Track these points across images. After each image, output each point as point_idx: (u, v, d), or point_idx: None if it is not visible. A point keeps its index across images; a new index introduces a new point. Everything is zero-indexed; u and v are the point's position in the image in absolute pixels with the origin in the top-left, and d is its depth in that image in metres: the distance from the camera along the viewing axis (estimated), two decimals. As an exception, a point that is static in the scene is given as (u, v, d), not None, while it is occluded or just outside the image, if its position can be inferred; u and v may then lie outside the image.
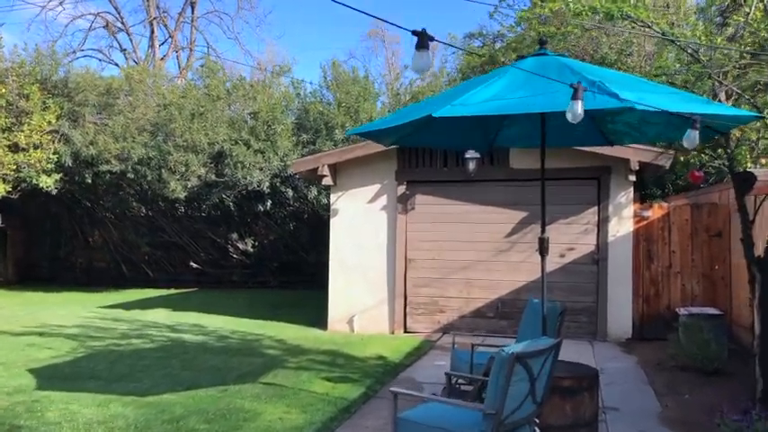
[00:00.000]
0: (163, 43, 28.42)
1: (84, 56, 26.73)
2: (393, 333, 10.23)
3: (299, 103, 15.24)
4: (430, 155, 10.29)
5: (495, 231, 10.02)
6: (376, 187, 10.49)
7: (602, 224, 9.49)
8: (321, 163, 10.27)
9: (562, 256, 9.54)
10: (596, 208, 9.54)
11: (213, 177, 13.78)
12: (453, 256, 10.19)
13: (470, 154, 9.65)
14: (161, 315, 12.04)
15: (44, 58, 14.91)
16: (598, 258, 9.46)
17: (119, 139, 14.20)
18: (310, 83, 15.29)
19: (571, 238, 9.59)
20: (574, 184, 9.49)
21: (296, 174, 10.96)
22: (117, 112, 14.84)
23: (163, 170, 13.79)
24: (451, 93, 4.75)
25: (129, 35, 27.45)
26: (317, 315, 11.00)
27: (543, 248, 5.10)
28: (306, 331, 10.34)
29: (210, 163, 14.04)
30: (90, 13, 26.87)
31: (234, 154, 13.52)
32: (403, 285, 10.32)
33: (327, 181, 10.47)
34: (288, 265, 16.71)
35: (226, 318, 11.72)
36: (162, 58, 27.00)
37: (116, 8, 27.20)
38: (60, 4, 26.69)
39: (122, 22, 27.58)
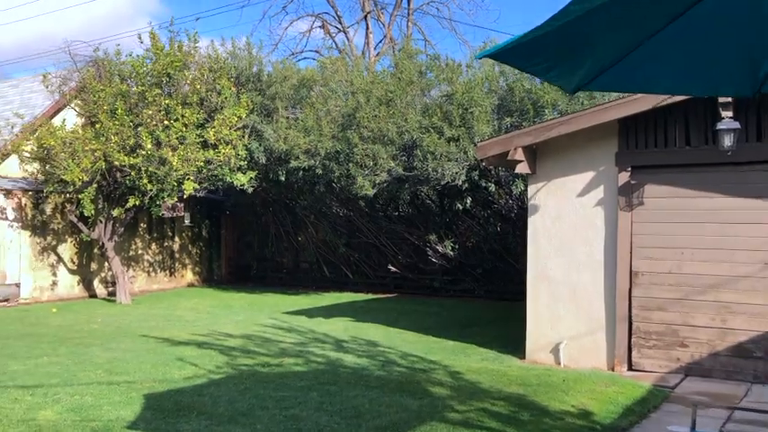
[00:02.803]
0: (380, 42, 27.89)
1: (304, 58, 27.03)
2: (613, 370, 7.61)
3: (503, 81, 13.00)
4: (664, 128, 7.50)
5: (762, 235, 6.96)
6: (588, 175, 7.95)
7: None
8: (513, 145, 7.98)
9: None
10: None
11: (401, 171, 12.10)
12: (699, 269, 7.29)
13: (726, 124, 6.72)
14: (338, 327, 10.63)
15: (240, 53, 14.47)
16: None
17: (309, 132, 13.19)
18: (516, 59, 12.74)
19: None
20: None
21: (482, 160, 8.80)
22: (309, 105, 13.88)
23: (350, 164, 12.45)
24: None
25: (345, 34, 27.25)
26: (517, 337, 8.73)
27: None
28: (495, 360, 8.13)
29: (401, 155, 12.40)
30: (308, 15, 27.09)
31: (424, 144, 11.71)
32: (626, 307, 7.65)
33: (523, 168, 8.16)
34: (493, 273, 14.53)
35: (407, 334, 9.95)
36: (377, 55, 26.36)
37: (333, 7, 27.15)
38: (283, 8, 27.23)
39: (340, 22, 27.47)
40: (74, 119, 13.98)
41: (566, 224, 8.08)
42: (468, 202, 13.75)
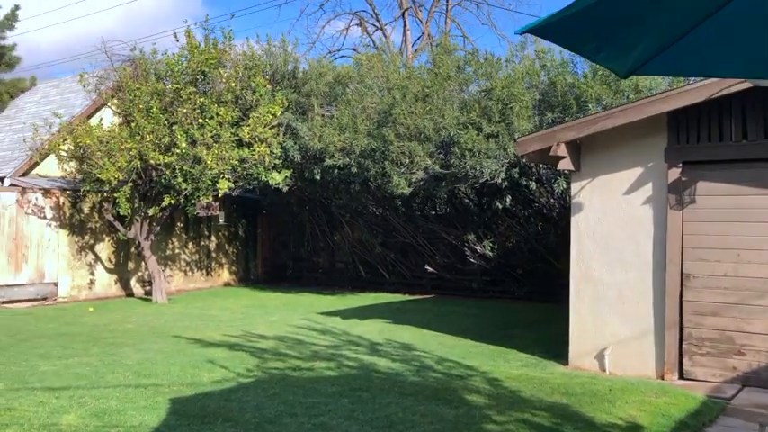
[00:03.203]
0: (418, 39, 27.55)
1: (341, 57, 26.85)
2: (662, 378, 7.16)
3: (544, 76, 12.55)
4: (719, 121, 7.02)
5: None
6: (636, 172, 7.50)
7: None
8: (556, 140, 7.58)
9: None
10: None
11: (438, 169, 11.76)
12: (758, 272, 6.80)
13: (788, 116, 6.24)
14: (373, 328, 10.35)
15: (275, 50, 14.31)
16: None
17: (344, 130, 12.95)
18: (559, 52, 12.35)
19: None
20: None
21: (523, 156, 8.39)
22: (344, 102, 13.64)
23: (386, 162, 12.16)
24: None
25: (382, 31, 27.00)
26: (558, 341, 8.33)
27: None
28: (536, 366, 7.75)
29: (438, 152, 12.06)
30: (345, 12, 26.91)
31: (462, 140, 11.35)
32: (677, 311, 7.18)
33: (566, 165, 7.75)
34: (533, 274, 14.07)
35: (444, 337, 9.61)
36: (415, 52, 26.04)
37: (371, 5, 26.93)
38: (320, 7, 27.11)
39: (377, 19, 27.25)
40: (111, 118, 14.01)
41: (611, 223, 7.65)
42: (508, 200, 13.34)
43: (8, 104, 18.83)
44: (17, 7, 19.80)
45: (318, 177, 14.04)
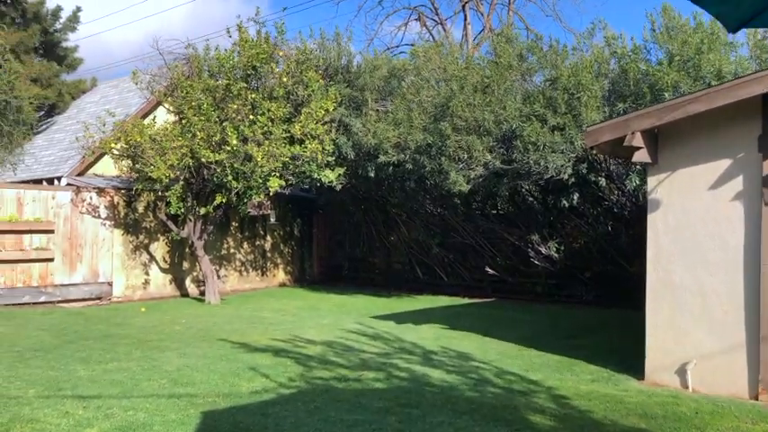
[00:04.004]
0: (479, 33, 26.73)
1: (400, 53, 26.27)
2: (757, 399, 6.26)
3: (614, 64, 11.64)
4: (826, 103, 6.08)
5: None
6: (723, 164, 6.62)
7: None
8: (630, 129, 6.76)
9: None
10: None
11: (499, 164, 11.01)
12: None
13: None
14: (428, 335, 9.71)
15: (329, 44, 13.84)
16: None
17: (398, 125, 12.35)
18: (630, 39, 11.43)
19: None
20: None
21: (592, 147, 7.56)
22: (400, 96, 13.05)
23: (443, 158, 11.50)
24: None
25: (442, 26, 26.28)
26: (632, 352, 7.51)
27: None
28: (608, 382, 6.95)
29: (498, 147, 11.32)
30: (404, 8, 26.32)
31: (525, 133, 10.58)
32: (773, 322, 6.28)
33: (641, 157, 6.92)
34: (603, 277, 13.12)
35: (505, 346, 8.88)
36: (476, 46, 25.23)
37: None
38: (379, 3, 26.62)
39: (437, 14, 26.56)
40: (165, 116, 13.84)
41: (694, 222, 6.79)
42: (575, 198, 12.47)
43: (69, 105, 19.07)
44: (79, 9, 20.07)
45: (372, 175, 13.50)
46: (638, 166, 11.19)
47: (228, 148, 11.82)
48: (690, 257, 6.81)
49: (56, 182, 14.87)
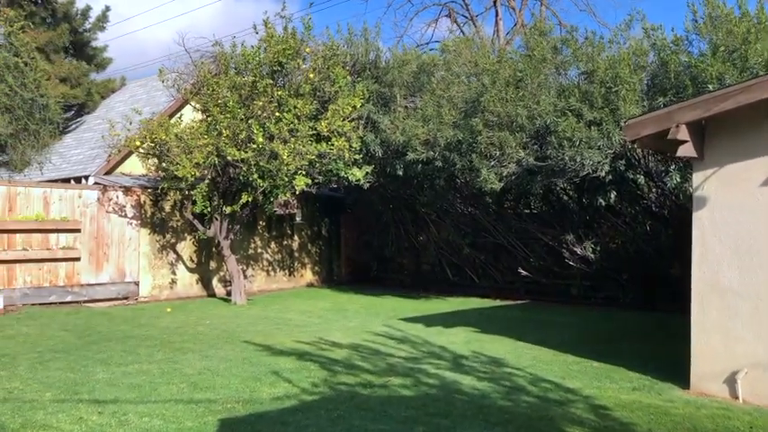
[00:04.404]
0: (511, 29, 26.23)
1: (430, 49, 25.87)
2: (814, 411, 5.78)
3: (653, 56, 11.12)
4: None
5: None
6: (778, 158, 6.15)
7: None
8: (674, 121, 6.32)
9: None
10: None
11: (532, 161, 10.58)
12: None
13: None
14: (459, 338, 9.34)
15: (356, 39, 13.54)
16: None
17: (427, 121, 12.00)
18: (671, 30, 10.92)
19: None
20: None
21: (633, 141, 7.11)
22: (429, 92, 12.69)
23: (473, 155, 11.12)
24: None
25: (473, 22, 25.84)
26: (676, 358, 7.05)
27: None
28: (651, 390, 6.51)
29: (532, 143, 10.89)
30: (434, 4, 25.91)
31: (559, 129, 10.15)
32: (834, 329, 5.79)
33: (686, 151, 6.47)
34: (641, 278, 12.60)
35: (539, 350, 8.47)
36: (508, 41, 24.74)
37: (461, -5, 25.85)
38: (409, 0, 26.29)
39: (467, 9, 26.13)
40: (191, 115, 13.68)
41: (745, 220, 6.32)
42: (612, 196, 11.95)
43: (99, 104, 19.09)
44: (108, 8, 20.09)
45: (401, 173, 13.16)
46: (680, 163, 10.68)
47: (254, 146, 11.59)
48: (740, 259, 6.34)
49: (83, 181, 14.84)
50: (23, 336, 9.41)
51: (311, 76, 12.35)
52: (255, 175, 11.75)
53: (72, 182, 14.97)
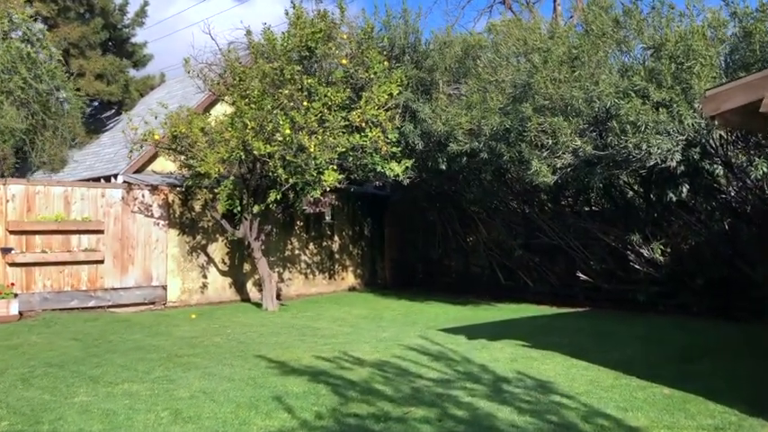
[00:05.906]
0: (570, 17, 24.56)
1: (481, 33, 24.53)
2: None
3: (733, 27, 9.58)
4: None
5: None
6: None
7: None
8: (771, 88, 4.94)
9: None
10: None
11: (591, 150, 9.22)
12: None
13: None
14: (503, 355, 8.08)
15: (394, 21, 12.40)
16: None
17: (471, 108, 10.77)
18: (755, -5, 9.37)
19: None
20: None
21: (713, 117, 5.69)
22: (475, 77, 11.45)
23: (523, 144, 9.83)
24: None
25: (529, 8, 24.34)
26: (764, 382, 5.64)
27: None
28: (739, 430, 5.14)
29: (590, 130, 9.53)
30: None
31: (622, 112, 8.76)
32: None
33: (787, 126, 5.07)
34: (721, 284, 11.00)
35: (598, 371, 7.13)
36: (566, 26, 23.13)
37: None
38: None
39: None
40: (220, 109, 12.86)
41: None
42: (685, 191, 10.44)
43: (137, 102, 18.59)
44: (146, 3, 19.58)
45: (444, 167, 11.96)
46: (766, 150, 9.13)
47: (280, 138, 10.62)
48: None
49: (113, 179, 14.22)
50: (28, 346, 8.71)
51: (344, 62, 11.30)
52: (281, 170, 10.77)
53: (102, 180, 14.38)
